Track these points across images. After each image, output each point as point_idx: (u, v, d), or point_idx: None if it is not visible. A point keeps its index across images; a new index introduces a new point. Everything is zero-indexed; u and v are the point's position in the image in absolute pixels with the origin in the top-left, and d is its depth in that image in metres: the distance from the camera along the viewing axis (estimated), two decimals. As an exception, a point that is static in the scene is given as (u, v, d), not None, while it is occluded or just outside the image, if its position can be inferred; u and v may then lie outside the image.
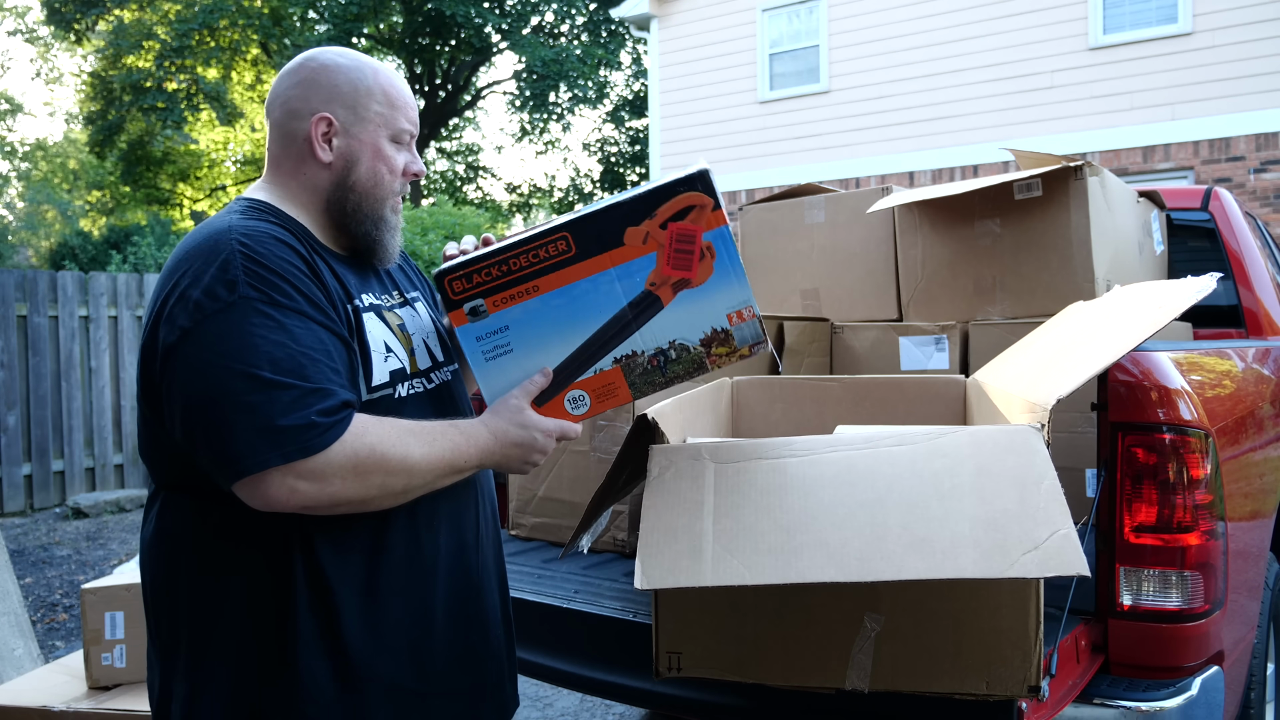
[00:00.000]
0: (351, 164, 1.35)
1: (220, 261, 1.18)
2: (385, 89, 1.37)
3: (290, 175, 1.36)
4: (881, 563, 1.12)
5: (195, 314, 1.15)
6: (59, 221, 31.02)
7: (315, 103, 1.34)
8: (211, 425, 1.12)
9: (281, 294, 1.18)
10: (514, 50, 19.18)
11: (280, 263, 1.20)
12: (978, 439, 1.24)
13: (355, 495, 1.17)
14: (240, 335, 1.13)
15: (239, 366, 1.12)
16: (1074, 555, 1.07)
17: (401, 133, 1.39)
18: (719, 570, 1.16)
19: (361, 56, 1.40)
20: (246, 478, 1.12)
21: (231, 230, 1.22)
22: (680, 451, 1.34)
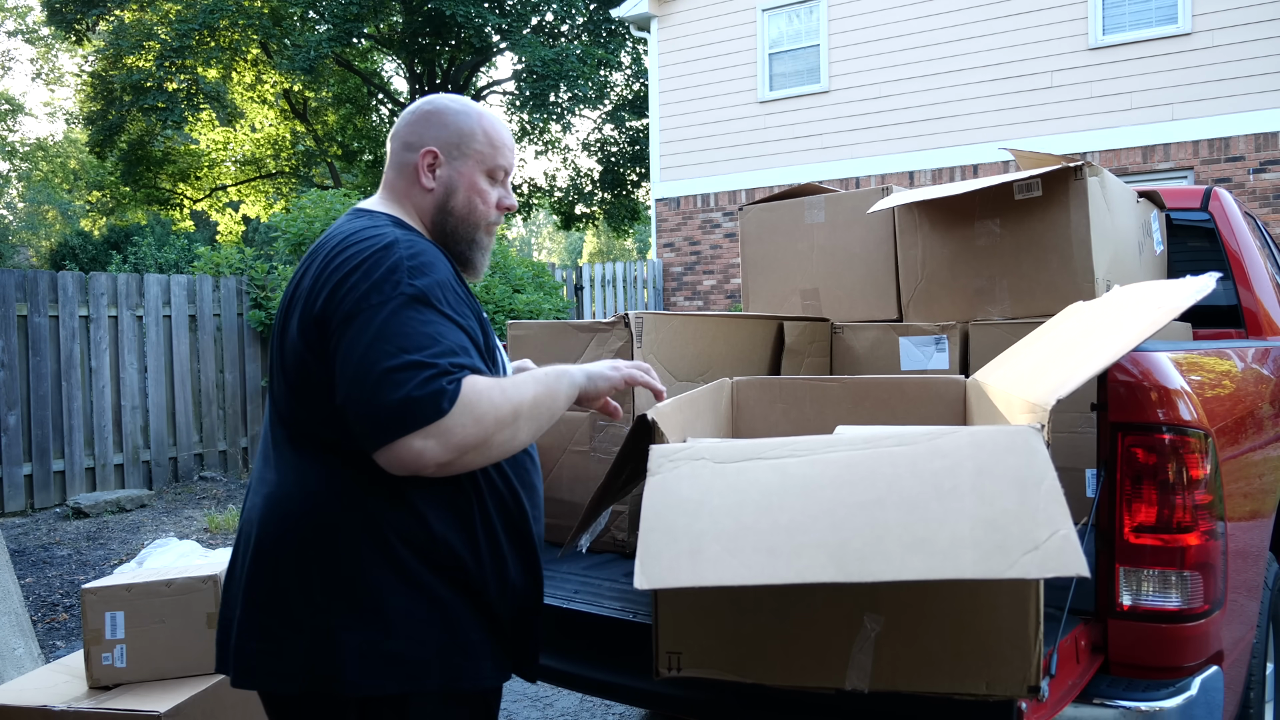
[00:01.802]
0: (451, 191, 1.59)
1: (387, 265, 1.39)
2: (487, 131, 1.61)
3: (403, 195, 1.60)
4: (881, 563, 1.12)
5: (361, 303, 1.35)
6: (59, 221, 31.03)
7: (426, 138, 1.59)
8: (362, 398, 1.31)
9: (434, 297, 1.39)
10: (514, 50, 19.17)
11: (436, 272, 1.43)
12: (978, 439, 1.24)
13: (473, 438, 1.33)
14: (396, 323, 1.33)
15: (391, 348, 1.31)
16: (1074, 556, 1.07)
17: (497, 170, 1.62)
18: (719, 570, 1.16)
19: (473, 105, 1.64)
20: (391, 444, 1.29)
21: (399, 242, 1.43)
22: (680, 452, 1.34)
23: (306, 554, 1.42)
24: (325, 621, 1.41)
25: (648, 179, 19.52)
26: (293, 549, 1.43)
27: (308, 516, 1.43)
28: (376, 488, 1.41)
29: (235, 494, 7.37)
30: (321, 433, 1.44)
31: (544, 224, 46.66)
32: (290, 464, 1.47)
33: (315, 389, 1.42)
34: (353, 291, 1.37)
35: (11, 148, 31.23)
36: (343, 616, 1.41)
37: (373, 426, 1.30)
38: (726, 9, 12.22)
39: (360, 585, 1.42)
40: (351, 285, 1.38)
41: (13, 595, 3.45)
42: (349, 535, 1.41)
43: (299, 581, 1.43)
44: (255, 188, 23.31)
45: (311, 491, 1.44)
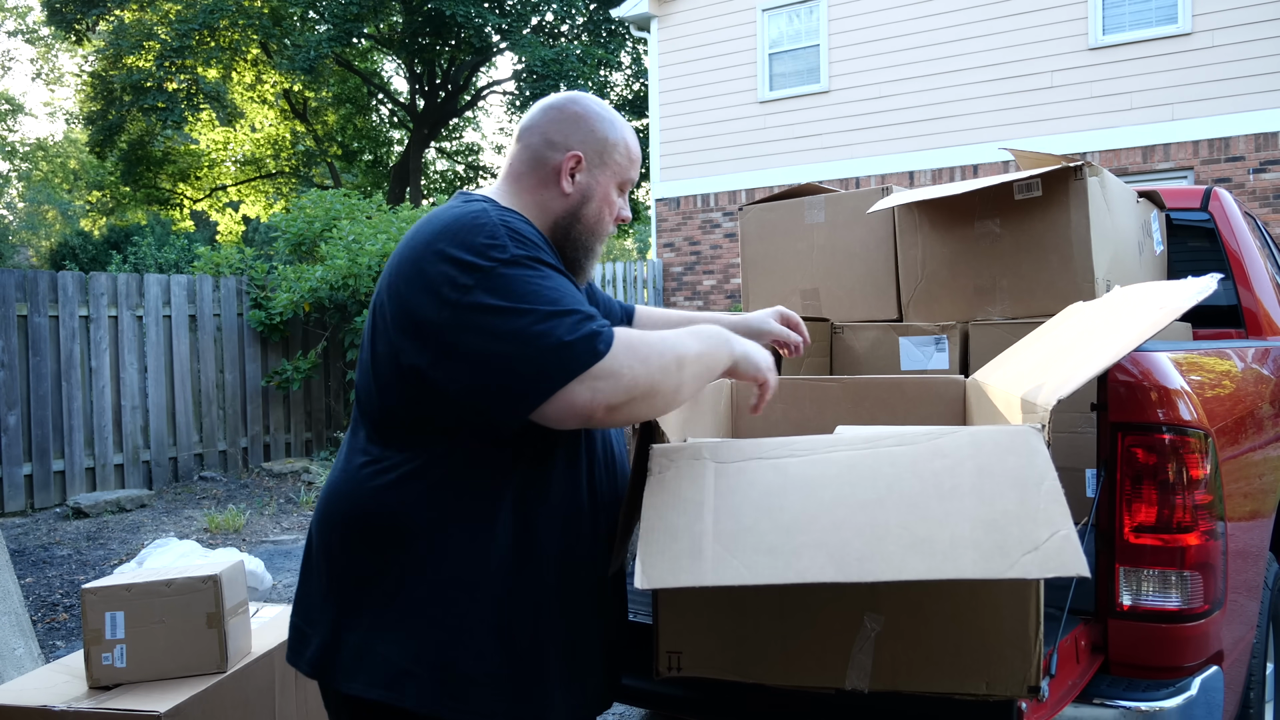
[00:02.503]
0: (587, 199, 1.55)
1: (488, 231, 1.36)
2: (628, 144, 1.60)
3: (529, 192, 1.54)
4: (881, 563, 1.12)
5: (475, 272, 1.32)
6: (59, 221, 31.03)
7: (572, 140, 1.54)
8: (509, 359, 1.28)
9: (542, 254, 1.38)
10: (514, 50, 19.17)
11: (535, 236, 1.42)
12: (978, 439, 1.24)
13: (642, 379, 1.32)
14: (518, 283, 1.31)
15: (525, 304, 1.29)
16: (1074, 556, 1.07)
17: (628, 183, 1.61)
18: (719, 570, 1.16)
19: (618, 116, 1.62)
20: (554, 394, 1.28)
21: (490, 212, 1.41)
22: (680, 451, 1.34)
23: (331, 539, 1.45)
24: (333, 611, 1.43)
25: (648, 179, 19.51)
26: (322, 534, 1.47)
27: (345, 501, 1.44)
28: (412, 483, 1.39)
29: (235, 494, 7.37)
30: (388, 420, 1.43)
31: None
32: (350, 448, 1.49)
33: (405, 377, 1.39)
34: (454, 265, 1.34)
35: (11, 148, 31.22)
36: (347, 610, 1.41)
37: (529, 384, 1.28)
38: (726, 9, 12.22)
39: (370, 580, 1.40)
40: (450, 258, 1.35)
41: (13, 595, 3.45)
42: (372, 527, 1.41)
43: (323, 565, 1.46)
44: (255, 188, 23.31)
45: (353, 478, 1.44)
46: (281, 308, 7.99)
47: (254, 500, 7.12)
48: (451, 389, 1.34)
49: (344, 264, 7.74)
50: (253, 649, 2.33)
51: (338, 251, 7.93)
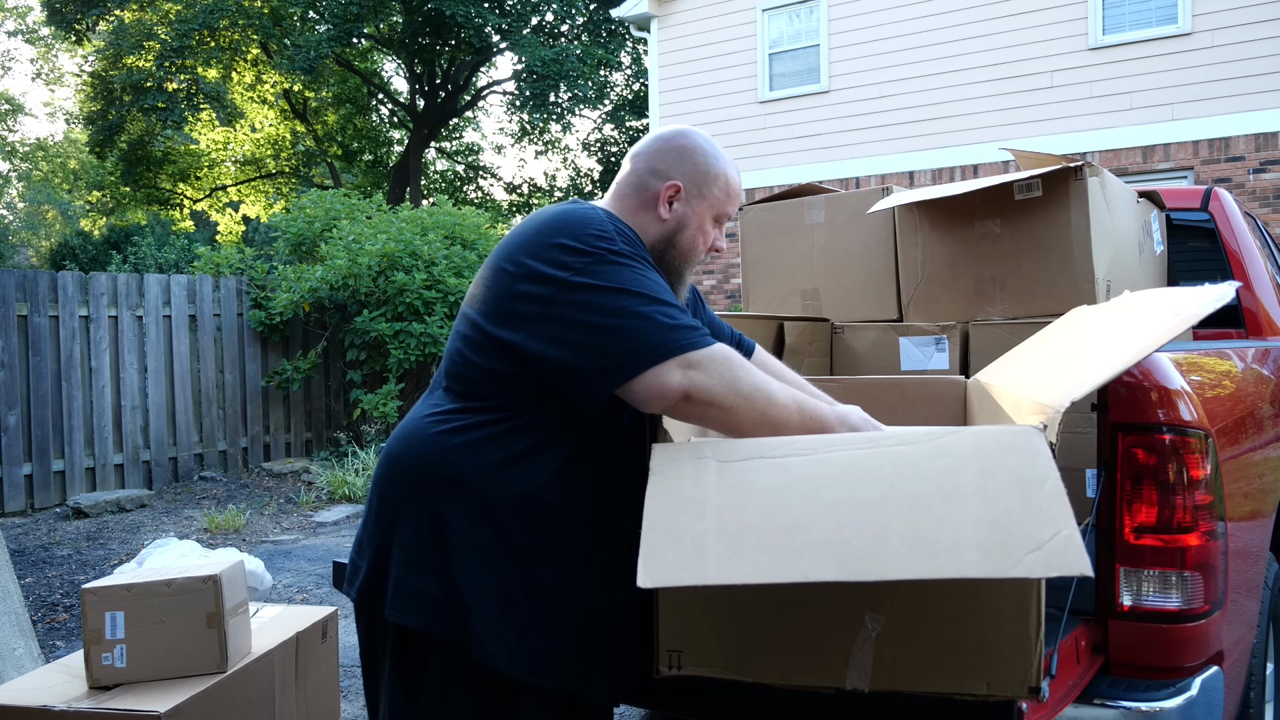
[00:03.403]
0: (682, 227, 1.63)
1: (597, 225, 1.46)
2: (729, 179, 1.66)
3: (631, 213, 1.63)
4: (884, 562, 1.12)
5: (583, 258, 1.42)
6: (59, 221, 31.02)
7: (674, 171, 1.62)
8: (614, 332, 1.37)
9: (643, 259, 1.48)
10: (514, 50, 19.17)
11: (638, 243, 1.51)
12: (981, 439, 1.24)
13: (725, 396, 1.37)
14: (624, 272, 1.41)
15: (631, 288, 1.39)
16: (1077, 556, 1.07)
17: (724, 216, 1.67)
18: (722, 569, 1.16)
19: (719, 147, 1.68)
20: (650, 369, 1.35)
21: (598, 210, 1.52)
22: (683, 450, 1.34)
23: (392, 480, 1.55)
24: (380, 542, 1.54)
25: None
26: (377, 472, 1.59)
27: (408, 446, 1.54)
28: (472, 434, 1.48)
29: (235, 494, 7.37)
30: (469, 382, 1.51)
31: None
32: (421, 405, 1.60)
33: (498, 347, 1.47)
34: (565, 250, 1.43)
35: (11, 148, 31.22)
36: (393, 542, 1.52)
37: (625, 358, 1.36)
38: (726, 9, 12.22)
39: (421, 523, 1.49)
40: (560, 244, 1.44)
41: (13, 595, 3.45)
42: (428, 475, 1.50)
43: (374, 500, 1.58)
44: (255, 188, 23.32)
45: (419, 428, 1.54)
46: (281, 308, 7.99)
47: (254, 500, 7.12)
48: (546, 357, 1.42)
49: (344, 264, 7.74)
50: (253, 649, 2.33)
51: (338, 251, 7.93)
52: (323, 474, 7.55)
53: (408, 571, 1.49)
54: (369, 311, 7.73)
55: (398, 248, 7.79)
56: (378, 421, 8.09)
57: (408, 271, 7.74)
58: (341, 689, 3.49)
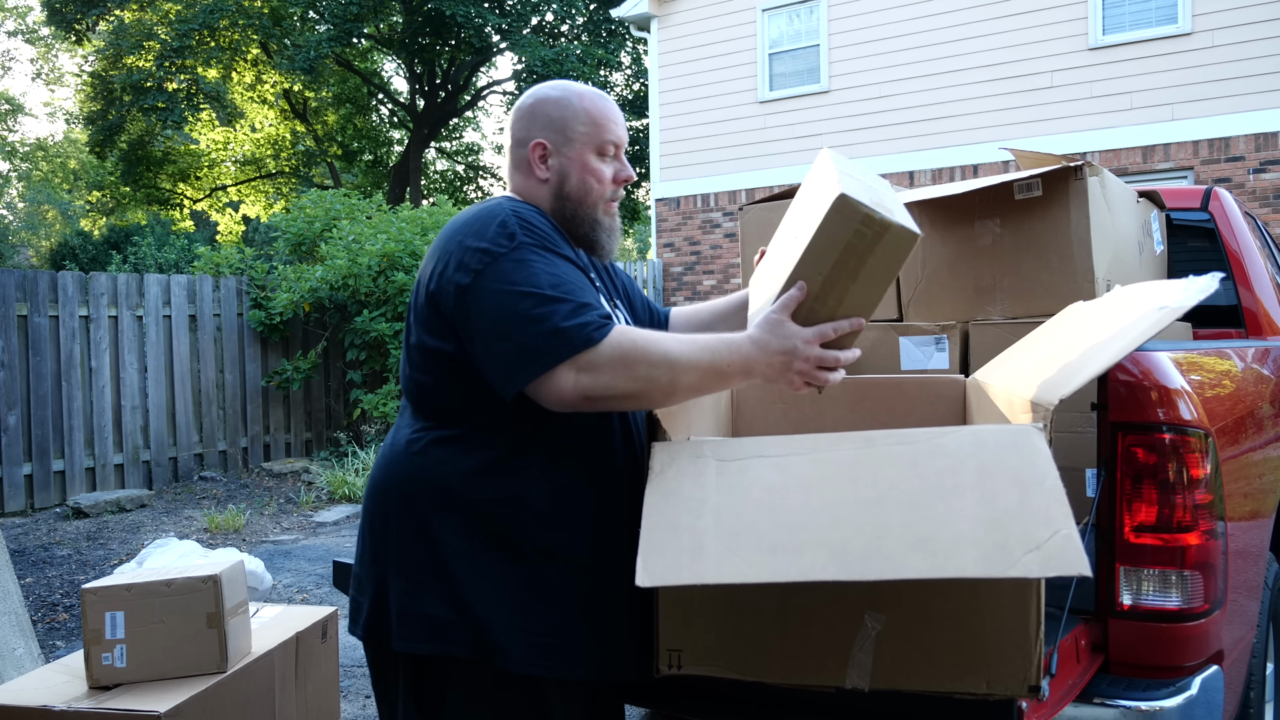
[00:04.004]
0: (564, 178, 1.61)
1: (499, 221, 1.47)
2: (589, 110, 1.62)
3: (523, 189, 1.64)
4: (883, 561, 1.12)
5: (484, 258, 1.43)
6: (59, 221, 31.02)
7: (533, 131, 1.62)
8: (507, 337, 1.39)
9: (549, 243, 1.47)
10: (514, 50, 19.17)
11: (544, 224, 1.52)
12: (980, 438, 1.24)
13: (625, 386, 1.37)
14: (523, 269, 1.41)
15: (526, 289, 1.39)
16: (1076, 555, 1.07)
17: (606, 145, 1.63)
18: (721, 568, 1.16)
19: (572, 87, 1.65)
20: (541, 375, 1.36)
21: (501, 204, 1.52)
22: (682, 449, 1.34)
23: (376, 508, 1.56)
24: (377, 575, 1.54)
25: (648, 179, 19.50)
26: (365, 503, 1.60)
27: (386, 471, 1.56)
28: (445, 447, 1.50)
29: (235, 494, 7.37)
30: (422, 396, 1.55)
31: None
32: (396, 427, 1.62)
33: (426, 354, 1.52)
34: (469, 252, 1.45)
35: (11, 148, 31.22)
36: (389, 571, 1.52)
37: (520, 363, 1.37)
38: (726, 9, 12.22)
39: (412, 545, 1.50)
40: (466, 247, 1.46)
41: (13, 595, 3.45)
42: (409, 494, 1.51)
43: (366, 532, 1.58)
44: (255, 188, 23.31)
45: (395, 450, 1.56)
46: (281, 308, 7.99)
47: (254, 500, 7.12)
48: (468, 363, 1.46)
49: (344, 264, 7.74)
50: (253, 649, 2.33)
51: (338, 251, 7.93)
52: (323, 474, 7.55)
53: (411, 599, 1.48)
54: (369, 311, 7.73)
55: (398, 248, 7.79)
56: (378, 421, 8.09)
57: (408, 271, 7.74)
58: (341, 689, 3.49)
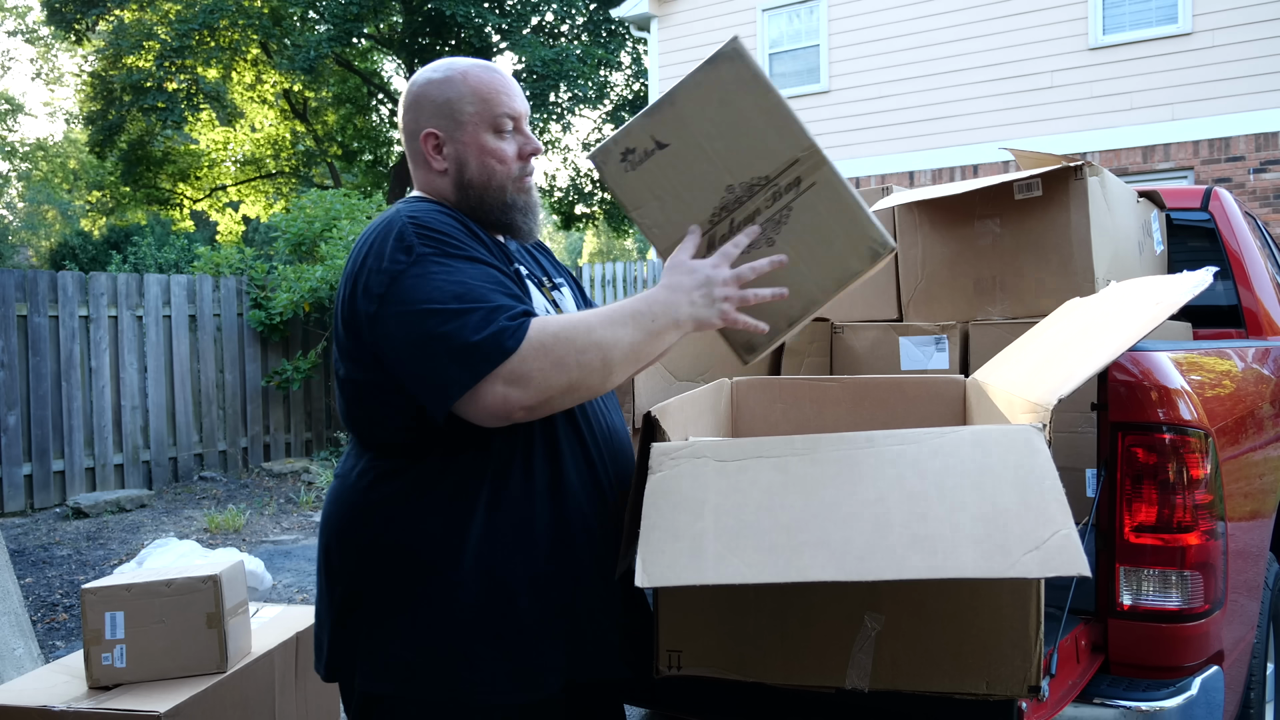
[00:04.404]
0: (462, 166, 1.50)
1: (395, 234, 1.37)
2: (474, 87, 1.50)
3: (425, 184, 1.55)
4: (882, 561, 1.12)
5: (386, 280, 1.34)
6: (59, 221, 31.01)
7: (421, 121, 1.51)
8: (421, 361, 1.30)
9: (451, 246, 1.37)
10: (514, 50, 19.16)
11: (444, 224, 1.40)
12: (979, 438, 1.24)
13: (559, 381, 1.30)
14: (424, 284, 1.32)
15: (429, 306, 1.29)
16: (1075, 555, 1.07)
17: (501, 120, 1.51)
18: (720, 568, 1.16)
19: (455, 65, 1.53)
20: (463, 395, 1.28)
21: (399, 212, 1.43)
22: (681, 450, 1.34)
23: (327, 545, 1.49)
24: (335, 613, 1.47)
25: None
26: (322, 539, 1.52)
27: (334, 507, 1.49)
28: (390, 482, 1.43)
29: (235, 494, 7.37)
30: (363, 430, 1.48)
31: (544, 224, 46.68)
32: (344, 458, 1.55)
33: (357, 387, 1.45)
34: (372, 275, 1.37)
35: (11, 148, 31.21)
36: (347, 610, 1.45)
37: (444, 385, 1.28)
38: (726, 9, 12.21)
39: (362, 584, 1.43)
40: (369, 270, 1.38)
41: (13, 595, 3.44)
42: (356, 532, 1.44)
43: (323, 570, 1.51)
44: (255, 188, 23.30)
45: (343, 485, 1.49)
46: (281, 308, 7.99)
47: (254, 500, 7.12)
48: (398, 391, 1.37)
49: (344, 264, 7.74)
50: (253, 649, 2.33)
51: (338, 251, 7.93)
52: (323, 474, 7.55)
53: (366, 638, 1.41)
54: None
55: (398, 248, 7.79)
56: (378, 421, 8.08)
57: (408, 271, 7.73)
58: (341, 689, 3.49)
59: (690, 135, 1.42)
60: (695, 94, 1.42)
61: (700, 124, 1.42)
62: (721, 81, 1.40)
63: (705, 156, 1.42)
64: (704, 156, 1.42)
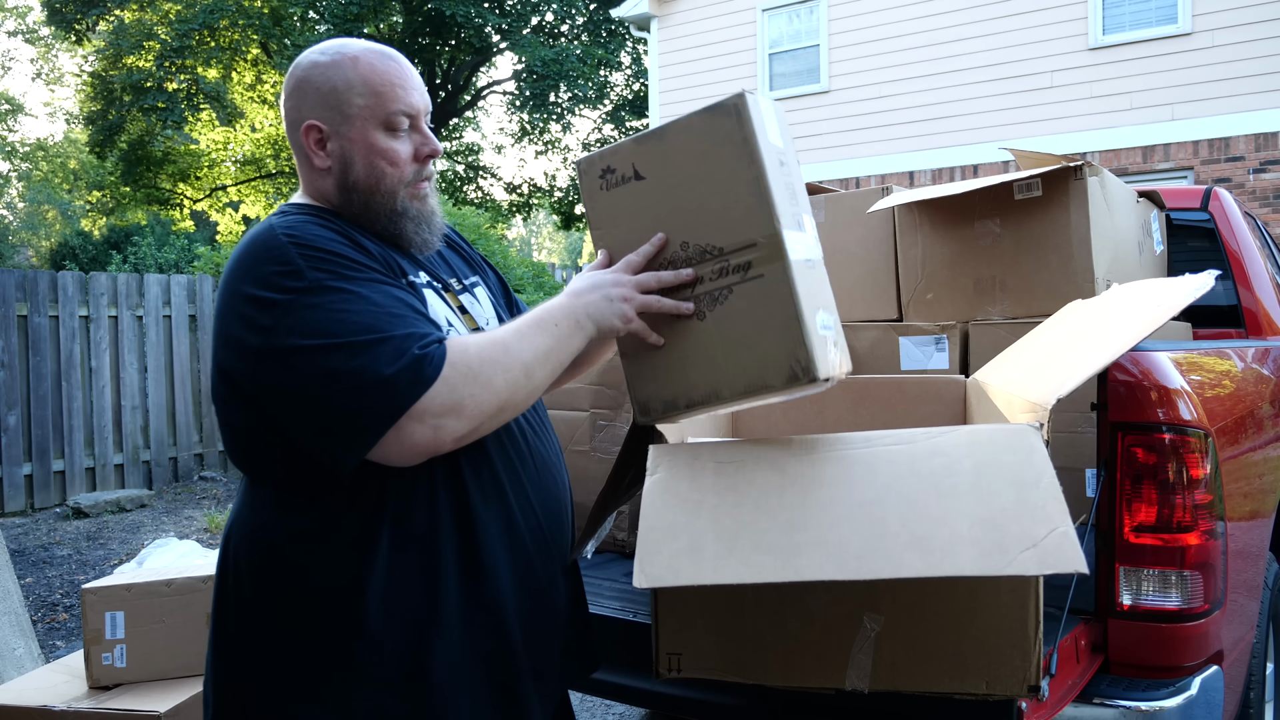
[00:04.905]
0: (348, 164, 1.32)
1: (275, 256, 1.19)
2: (365, 76, 1.30)
3: (308, 184, 1.37)
4: (880, 561, 1.12)
5: (271, 311, 1.16)
6: (59, 221, 31.02)
7: (304, 111, 1.32)
8: (324, 404, 1.13)
9: (344, 267, 1.19)
10: (514, 50, 19.17)
11: (330, 243, 1.22)
12: (976, 438, 1.24)
13: (491, 404, 1.18)
14: (323, 314, 1.15)
15: (332, 341, 1.13)
16: (1072, 552, 1.07)
17: (394, 118, 1.32)
18: (718, 569, 1.16)
19: (346, 48, 1.33)
20: (384, 436, 1.13)
21: (275, 229, 1.23)
22: (679, 450, 1.34)
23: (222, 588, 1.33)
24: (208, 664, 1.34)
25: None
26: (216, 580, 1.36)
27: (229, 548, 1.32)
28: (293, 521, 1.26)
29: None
30: (250, 470, 1.31)
31: (544, 224, 46.68)
32: (239, 491, 1.37)
33: (234, 433, 1.29)
34: (251, 305, 1.18)
35: (11, 148, 31.22)
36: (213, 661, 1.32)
37: (354, 430, 1.13)
38: (726, 9, 12.22)
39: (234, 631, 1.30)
40: (247, 298, 1.19)
41: (13, 595, 3.44)
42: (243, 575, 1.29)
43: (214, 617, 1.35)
44: (255, 188, 23.30)
45: (238, 519, 1.33)
46: (281, 308, 7.99)
47: (254, 500, 7.13)
48: (276, 437, 1.21)
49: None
50: (252, 649, 2.32)
51: (338, 251, 7.93)
52: (323, 474, 7.55)
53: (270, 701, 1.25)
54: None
55: (398, 248, 7.79)
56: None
57: (408, 271, 7.74)
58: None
59: (666, 177, 1.34)
60: (685, 137, 1.33)
61: (679, 169, 1.33)
62: (713, 133, 1.32)
63: (671, 204, 1.34)
64: (670, 203, 1.34)
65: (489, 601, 1.29)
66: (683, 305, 1.32)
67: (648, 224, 1.36)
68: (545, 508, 1.41)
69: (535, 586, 1.36)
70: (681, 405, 1.36)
